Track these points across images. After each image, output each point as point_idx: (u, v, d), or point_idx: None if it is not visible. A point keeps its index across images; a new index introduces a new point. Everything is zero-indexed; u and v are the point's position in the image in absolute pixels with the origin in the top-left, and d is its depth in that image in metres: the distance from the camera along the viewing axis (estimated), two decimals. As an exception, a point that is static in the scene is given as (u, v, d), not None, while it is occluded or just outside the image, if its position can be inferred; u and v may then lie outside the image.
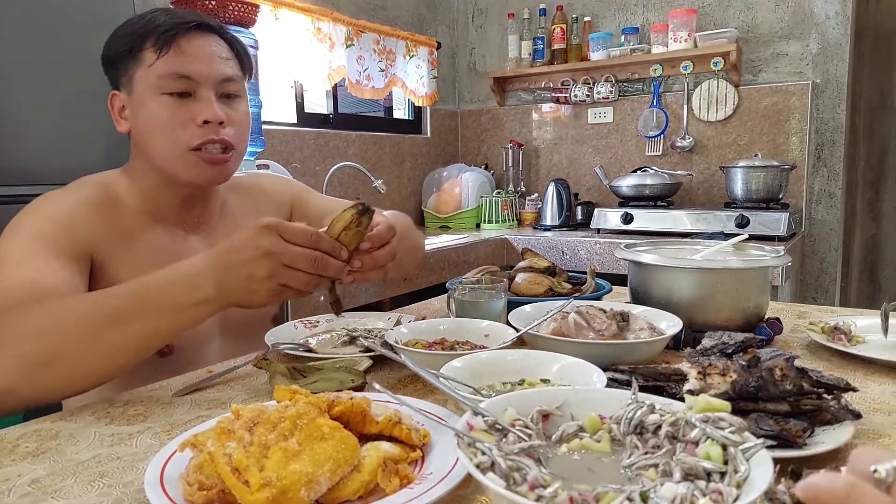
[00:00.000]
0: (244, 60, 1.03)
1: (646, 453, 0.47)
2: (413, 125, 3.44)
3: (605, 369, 0.72)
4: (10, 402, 0.75)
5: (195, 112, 0.94)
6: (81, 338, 0.75)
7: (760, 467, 0.42)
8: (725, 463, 0.44)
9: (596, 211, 2.83)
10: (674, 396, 0.66)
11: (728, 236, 1.13)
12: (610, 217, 2.75)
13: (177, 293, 0.77)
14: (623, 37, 3.03)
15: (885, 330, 0.96)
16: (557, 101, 3.28)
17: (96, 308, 0.77)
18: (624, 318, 0.94)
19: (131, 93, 0.96)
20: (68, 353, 0.75)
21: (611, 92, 3.11)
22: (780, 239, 2.40)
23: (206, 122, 0.94)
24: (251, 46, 1.87)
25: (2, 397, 0.74)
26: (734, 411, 0.49)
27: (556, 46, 3.20)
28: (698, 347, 0.73)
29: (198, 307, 0.77)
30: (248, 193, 1.16)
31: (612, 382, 0.70)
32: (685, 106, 2.98)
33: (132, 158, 1.02)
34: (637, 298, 1.07)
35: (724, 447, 0.45)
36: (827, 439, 0.59)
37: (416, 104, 3.24)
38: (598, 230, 2.78)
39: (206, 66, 0.95)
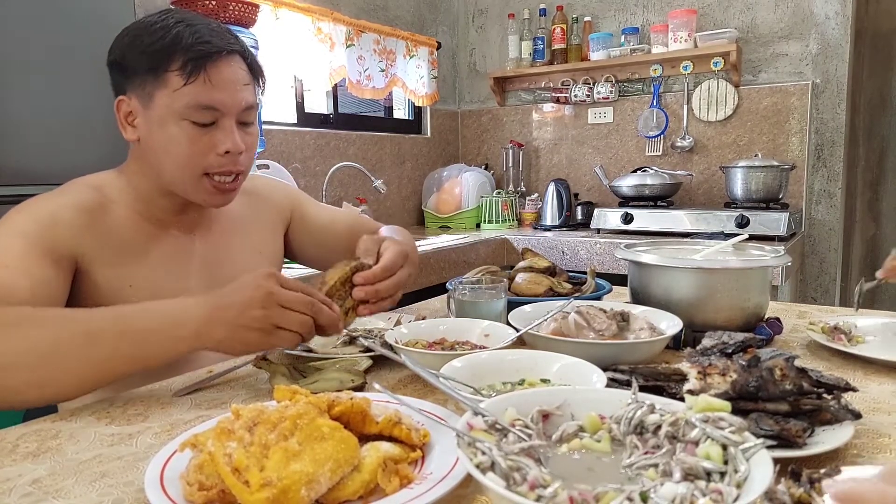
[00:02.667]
0: (261, 81, 1.02)
1: (646, 453, 0.47)
2: (413, 125, 3.44)
3: (605, 369, 0.72)
4: None
5: (217, 141, 0.94)
6: (50, 352, 0.74)
7: (760, 467, 0.42)
8: (725, 463, 0.44)
9: (596, 211, 2.83)
10: (674, 396, 0.66)
11: (728, 236, 1.14)
12: (610, 217, 2.75)
13: (156, 322, 0.77)
14: (623, 37, 3.03)
15: (857, 305, 1.05)
16: (557, 101, 3.28)
17: (70, 324, 0.77)
18: (624, 318, 0.95)
19: (148, 108, 0.94)
20: (28, 364, 0.74)
21: (611, 92, 3.11)
22: (780, 239, 2.40)
23: (227, 151, 0.94)
24: (252, 47, 1.87)
25: None
26: (734, 411, 0.49)
27: (556, 46, 3.20)
28: (698, 347, 0.73)
29: (168, 350, 0.77)
30: (248, 197, 1.15)
31: (612, 382, 0.70)
32: (685, 106, 2.98)
33: (131, 162, 1.01)
34: (637, 298, 1.07)
35: (724, 447, 0.45)
36: (827, 439, 0.59)
37: (417, 104, 3.24)
38: (598, 230, 2.78)
39: (231, 97, 0.94)
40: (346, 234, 1.19)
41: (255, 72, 1.00)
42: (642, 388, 0.59)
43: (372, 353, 0.90)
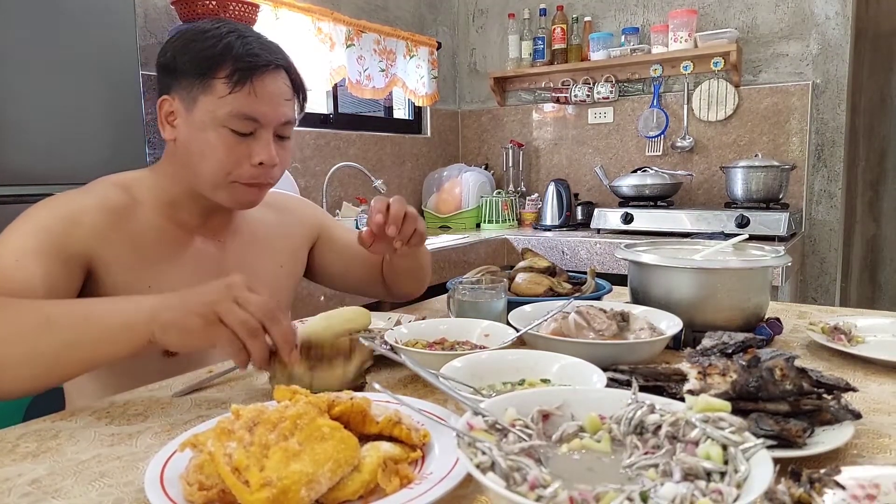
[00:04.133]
0: (302, 97, 1.04)
1: (646, 453, 0.47)
2: (413, 125, 3.44)
3: (605, 369, 0.72)
4: None
5: (252, 151, 0.95)
6: (9, 338, 0.74)
7: (760, 467, 0.42)
8: (725, 463, 0.44)
9: (596, 211, 2.83)
10: (674, 396, 0.66)
11: (728, 236, 1.14)
12: (610, 217, 2.75)
13: (120, 306, 0.77)
14: (623, 37, 3.03)
15: None
16: (558, 101, 3.28)
17: (31, 312, 0.76)
18: (624, 318, 0.94)
19: (190, 111, 0.95)
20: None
21: (611, 92, 3.11)
22: (780, 239, 2.40)
23: (261, 163, 0.96)
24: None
25: None
26: (734, 411, 0.49)
27: (556, 46, 3.20)
28: (698, 347, 0.73)
29: (123, 330, 0.75)
30: (276, 209, 1.16)
31: (612, 382, 0.70)
32: (685, 106, 2.98)
33: (165, 162, 1.02)
34: (637, 298, 1.07)
35: (724, 447, 0.45)
36: (827, 439, 0.59)
37: (417, 104, 3.24)
38: (599, 230, 2.78)
39: (273, 110, 0.96)
40: (367, 254, 1.19)
41: (298, 88, 1.02)
42: (642, 388, 0.59)
43: (372, 353, 0.90)
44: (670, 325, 0.92)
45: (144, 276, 0.95)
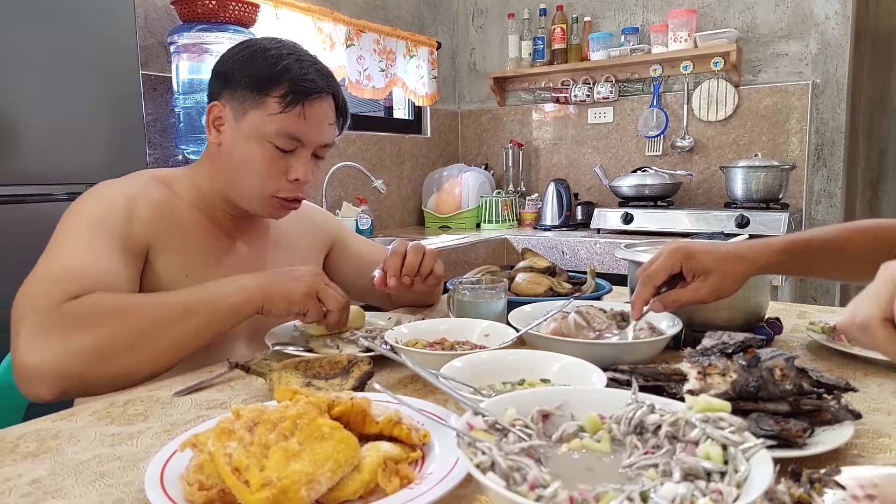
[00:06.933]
0: (344, 122, 1.11)
1: (646, 453, 0.47)
2: (413, 125, 3.44)
3: (605, 369, 0.72)
4: (76, 388, 0.83)
5: (290, 167, 1.02)
6: (150, 330, 0.85)
7: (760, 467, 0.42)
8: (725, 463, 0.44)
9: (596, 211, 2.83)
10: (674, 396, 0.66)
11: (728, 236, 1.14)
12: (610, 217, 2.75)
13: (226, 289, 0.90)
14: (623, 37, 3.03)
15: None
16: (557, 101, 3.28)
17: (165, 305, 0.87)
18: (624, 318, 0.94)
19: (239, 121, 1.01)
20: (137, 344, 0.84)
21: (611, 92, 3.11)
22: (780, 239, 2.40)
23: (296, 179, 1.03)
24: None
25: (69, 382, 0.81)
26: (734, 411, 0.49)
27: (556, 46, 3.20)
28: (698, 347, 0.73)
29: (246, 304, 0.90)
30: (297, 218, 1.21)
31: (612, 382, 0.70)
32: (685, 106, 2.98)
33: (203, 163, 1.09)
34: (637, 298, 1.07)
35: (724, 447, 0.45)
36: (827, 439, 0.59)
37: (417, 104, 3.24)
38: (598, 230, 2.78)
39: (316, 133, 1.03)
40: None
41: (342, 113, 1.09)
42: (642, 388, 0.59)
43: (372, 353, 0.90)
44: (670, 325, 0.92)
45: (183, 262, 1.02)
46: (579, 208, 3.05)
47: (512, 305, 1.02)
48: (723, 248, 0.90)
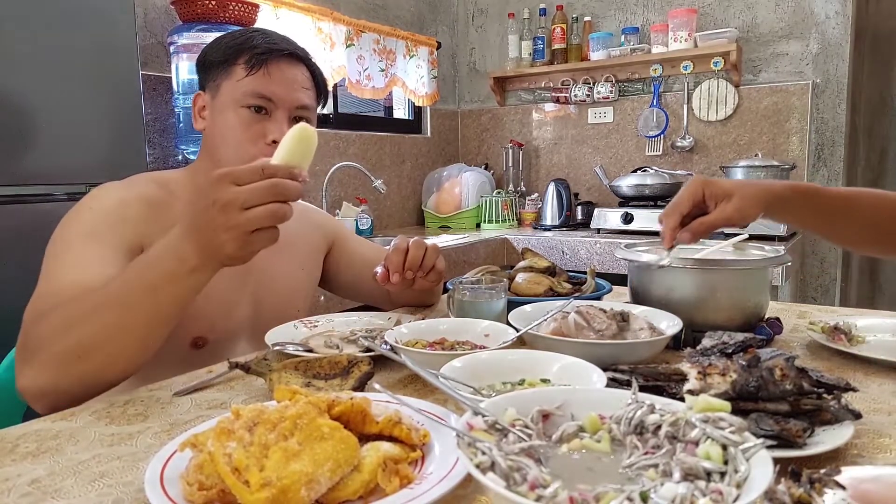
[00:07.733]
0: (321, 91, 1.11)
1: (646, 453, 0.47)
2: (413, 125, 3.44)
3: (605, 369, 0.72)
4: (51, 401, 0.80)
5: (267, 130, 1.02)
6: (101, 327, 0.79)
7: (760, 467, 0.42)
8: (725, 463, 0.44)
9: (596, 211, 2.83)
10: (674, 396, 0.66)
11: (728, 236, 1.13)
12: (610, 217, 2.75)
13: (168, 267, 0.79)
14: (623, 37, 3.03)
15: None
16: (557, 100, 3.28)
17: (106, 298, 0.80)
18: (624, 318, 0.94)
19: (215, 98, 1.04)
20: (92, 344, 0.79)
21: (611, 92, 3.11)
22: (780, 239, 2.40)
23: (274, 141, 1.00)
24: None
25: (44, 398, 0.80)
26: (734, 411, 0.49)
27: (556, 46, 3.20)
28: (698, 347, 0.73)
29: (191, 275, 0.79)
30: (296, 217, 1.17)
31: (612, 382, 0.70)
32: (685, 106, 2.98)
33: (199, 158, 1.09)
34: (637, 298, 1.07)
35: (724, 447, 0.45)
36: (827, 439, 0.59)
37: (417, 104, 3.24)
38: (599, 230, 2.78)
39: (286, 92, 1.03)
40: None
41: (317, 82, 1.09)
42: (642, 388, 0.59)
43: (372, 353, 0.90)
44: (670, 325, 0.92)
45: None
46: (579, 208, 3.05)
47: (512, 305, 1.02)
48: (737, 180, 0.96)
